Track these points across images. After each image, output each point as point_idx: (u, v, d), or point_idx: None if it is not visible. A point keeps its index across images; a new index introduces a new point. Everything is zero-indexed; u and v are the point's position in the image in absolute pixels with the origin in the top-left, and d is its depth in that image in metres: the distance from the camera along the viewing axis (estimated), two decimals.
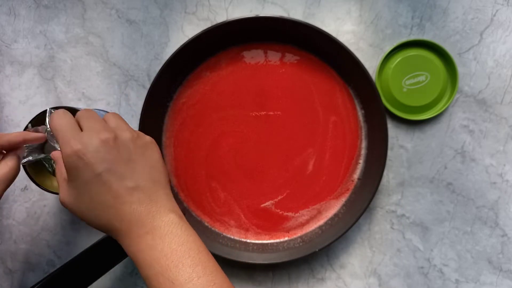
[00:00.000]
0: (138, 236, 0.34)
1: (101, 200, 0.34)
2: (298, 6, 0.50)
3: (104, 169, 0.34)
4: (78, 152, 0.33)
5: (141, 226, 0.34)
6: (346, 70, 0.49)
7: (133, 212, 0.34)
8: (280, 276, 0.51)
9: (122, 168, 0.35)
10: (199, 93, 0.50)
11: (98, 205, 0.34)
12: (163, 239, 0.33)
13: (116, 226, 0.34)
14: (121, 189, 0.34)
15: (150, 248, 0.33)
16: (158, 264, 0.32)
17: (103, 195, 0.34)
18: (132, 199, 0.34)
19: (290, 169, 0.50)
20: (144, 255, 0.33)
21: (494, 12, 0.49)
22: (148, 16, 0.51)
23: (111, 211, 0.34)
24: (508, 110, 0.50)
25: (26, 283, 0.52)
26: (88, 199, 0.34)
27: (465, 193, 0.50)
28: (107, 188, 0.34)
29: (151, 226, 0.34)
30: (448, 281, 0.50)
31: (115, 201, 0.34)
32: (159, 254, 0.33)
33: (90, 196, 0.34)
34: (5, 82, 0.52)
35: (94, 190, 0.34)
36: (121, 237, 0.35)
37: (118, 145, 0.35)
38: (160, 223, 0.34)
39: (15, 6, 0.51)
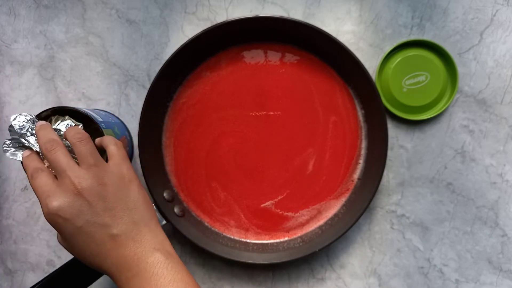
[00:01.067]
0: (126, 279, 0.35)
1: (88, 249, 0.36)
2: (298, 6, 0.50)
3: (84, 222, 0.35)
4: (55, 211, 0.35)
5: (128, 270, 0.35)
6: (346, 70, 0.49)
7: (120, 257, 0.35)
8: (280, 276, 0.51)
9: (101, 218, 0.36)
10: (199, 93, 0.50)
11: (87, 253, 0.36)
12: (149, 281, 0.34)
13: (107, 271, 0.36)
14: (104, 237, 0.35)
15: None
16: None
17: (89, 245, 0.35)
18: (116, 245, 0.36)
19: (290, 169, 0.50)
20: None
21: (494, 12, 0.49)
22: (148, 16, 0.51)
23: (100, 258, 0.36)
24: (508, 110, 0.50)
25: (26, 283, 0.52)
26: (77, 248, 0.36)
27: (465, 193, 0.50)
28: (91, 239, 0.35)
29: (137, 269, 0.35)
30: (448, 281, 0.50)
31: (100, 248, 0.36)
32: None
33: (78, 246, 0.36)
34: (5, 82, 0.52)
35: (80, 241, 0.36)
36: (114, 280, 0.36)
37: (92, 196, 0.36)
38: (145, 266, 0.35)
39: (15, 6, 0.51)
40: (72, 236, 0.35)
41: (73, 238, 0.35)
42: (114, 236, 0.35)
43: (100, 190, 0.36)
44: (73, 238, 0.35)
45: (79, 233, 0.35)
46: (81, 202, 0.35)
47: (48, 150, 0.36)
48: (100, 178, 0.36)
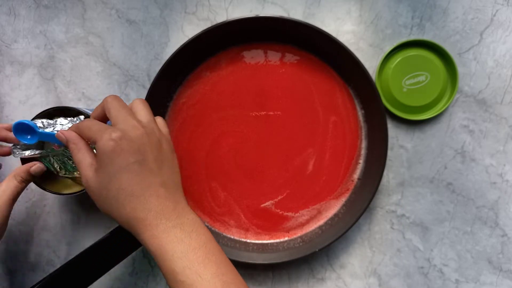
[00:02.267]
0: (166, 228, 0.34)
1: (130, 189, 0.35)
2: (298, 6, 0.50)
3: (138, 160, 0.35)
4: (117, 139, 0.34)
5: (168, 219, 0.35)
6: (346, 70, 0.49)
7: (161, 205, 0.35)
8: (280, 276, 0.51)
9: (153, 164, 0.36)
10: (199, 93, 0.50)
11: (126, 194, 0.35)
12: (190, 235, 0.34)
13: (141, 216, 0.35)
14: (151, 181, 0.35)
15: (179, 241, 0.34)
16: (186, 257, 0.33)
17: (133, 184, 0.35)
18: (159, 193, 0.35)
19: (290, 169, 0.50)
20: (172, 247, 0.34)
21: (494, 12, 0.49)
22: (148, 16, 0.51)
23: (139, 200, 0.35)
24: (508, 110, 0.50)
25: (26, 283, 0.52)
26: (116, 186, 0.35)
27: (465, 193, 0.50)
28: (138, 178, 0.35)
29: (178, 221, 0.35)
30: (448, 281, 0.50)
31: (144, 191, 0.35)
32: (188, 248, 0.34)
33: (119, 184, 0.35)
34: (5, 82, 0.52)
35: (125, 178, 0.35)
36: (145, 228, 0.35)
37: (151, 142, 0.36)
38: (186, 220, 0.35)
39: (15, 6, 0.51)
40: (118, 171, 0.34)
41: (117, 174, 0.34)
42: (159, 184, 0.36)
43: (158, 141, 0.37)
44: (118, 174, 0.34)
45: (128, 169, 0.34)
46: (143, 142, 0.36)
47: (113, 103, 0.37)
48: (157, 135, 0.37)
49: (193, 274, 0.33)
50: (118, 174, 0.35)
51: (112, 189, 0.35)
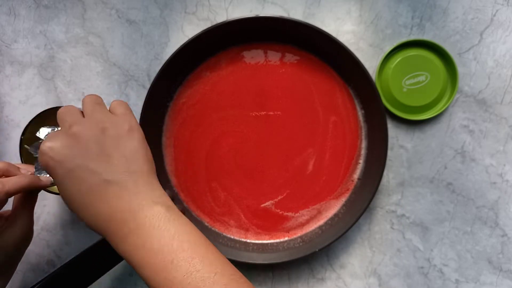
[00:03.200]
0: (123, 235, 0.31)
1: (79, 197, 0.33)
2: (298, 6, 0.50)
3: (74, 165, 0.32)
4: (47, 151, 0.33)
5: (124, 225, 0.32)
6: (346, 70, 0.49)
7: (113, 210, 0.32)
8: (280, 276, 0.51)
9: (94, 163, 0.33)
10: (199, 93, 0.50)
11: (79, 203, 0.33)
12: (151, 236, 0.31)
13: (100, 227, 0.33)
14: (96, 184, 0.32)
15: (138, 248, 0.31)
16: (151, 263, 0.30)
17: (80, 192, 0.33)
18: (108, 195, 0.32)
19: (290, 169, 0.50)
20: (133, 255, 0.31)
21: (494, 12, 0.49)
22: (148, 16, 0.51)
23: (92, 210, 0.32)
24: (508, 110, 0.50)
25: (26, 283, 0.52)
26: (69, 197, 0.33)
27: (465, 193, 0.50)
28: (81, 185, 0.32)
29: (135, 224, 0.31)
30: (448, 281, 0.50)
31: (91, 198, 0.32)
32: (150, 253, 0.30)
33: (69, 193, 0.33)
34: (5, 82, 0.52)
35: (71, 187, 0.33)
36: (109, 238, 0.33)
37: (87, 140, 0.33)
38: (144, 219, 0.31)
39: (15, 6, 0.51)
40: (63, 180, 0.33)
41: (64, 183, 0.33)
42: (106, 184, 0.32)
43: (98, 134, 0.34)
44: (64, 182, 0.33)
45: (70, 177, 0.32)
46: (74, 144, 0.33)
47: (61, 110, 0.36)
48: (101, 123, 0.34)
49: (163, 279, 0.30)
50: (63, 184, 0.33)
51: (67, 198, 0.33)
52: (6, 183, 0.36)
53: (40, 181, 0.39)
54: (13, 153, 0.52)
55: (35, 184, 0.38)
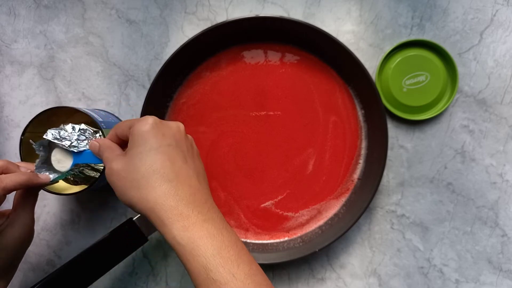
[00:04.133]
0: (197, 221, 0.32)
1: (162, 171, 0.33)
2: (298, 6, 0.50)
3: (172, 143, 0.35)
4: (153, 123, 0.35)
5: (200, 212, 0.33)
6: (346, 70, 0.49)
7: (193, 196, 0.33)
8: (280, 276, 0.51)
9: (186, 152, 0.36)
10: (199, 93, 0.50)
11: (158, 175, 0.33)
12: (221, 231, 0.32)
13: (171, 203, 0.32)
14: (184, 168, 0.34)
15: (211, 236, 0.32)
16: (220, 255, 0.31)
17: (166, 167, 0.33)
18: (192, 182, 0.34)
19: (290, 169, 0.50)
20: (205, 242, 0.31)
21: (494, 12, 0.49)
22: (148, 16, 0.51)
23: (171, 185, 0.33)
24: (508, 110, 0.50)
25: (26, 283, 0.52)
26: (147, 165, 0.33)
27: (465, 193, 0.50)
28: (171, 162, 0.34)
29: (209, 216, 0.33)
30: (448, 281, 0.50)
31: (177, 176, 0.33)
32: (221, 245, 0.31)
33: (151, 163, 0.33)
34: (5, 82, 0.52)
35: (159, 158, 0.33)
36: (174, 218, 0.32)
37: (185, 135, 0.38)
38: (215, 216, 0.33)
39: (15, 6, 0.51)
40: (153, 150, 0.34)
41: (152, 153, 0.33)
42: (191, 174, 0.35)
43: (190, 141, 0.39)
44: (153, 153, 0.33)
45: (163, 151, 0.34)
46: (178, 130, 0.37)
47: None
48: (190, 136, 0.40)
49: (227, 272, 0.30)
50: (151, 153, 0.33)
51: (142, 168, 0.33)
52: (4, 179, 0.36)
53: (39, 179, 0.39)
54: (13, 153, 0.52)
55: (33, 181, 0.38)
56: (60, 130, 0.39)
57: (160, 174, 0.33)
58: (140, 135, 0.34)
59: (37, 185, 0.39)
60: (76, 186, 0.45)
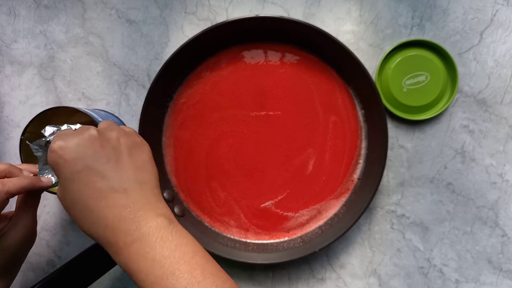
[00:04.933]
0: (125, 245, 0.31)
1: (83, 201, 0.32)
2: (298, 6, 0.50)
3: (84, 167, 0.32)
4: (58, 148, 0.32)
5: (127, 234, 0.31)
6: (346, 70, 0.49)
7: (117, 218, 0.32)
8: (280, 276, 0.51)
9: (105, 167, 0.33)
10: (199, 93, 0.50)
11: (81, 207, 0.32)
12: (153, 246, 0.31)
13: (100, 233, 0.32)
14: (103, 189, 0.32)
15: (140, 257, 0.31)
16: (152, 274, 0.30)
17: (84, 196, 0.32)
18: (114, 202, 0.32)
19: (290, 169, 0.50)
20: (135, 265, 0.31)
21: (494, 12, 0.49)
22: (148, 16, 0.51)
23: (94, 215, 0.32)
24: (508, 110, 0.50)
25: (26, 283, 0.52)
26: (71, 199, 0.33)
27: (465, 193, 0.50)
28: (87, 188, 0.32)
29: (138, 234, 0.31)
30: (448, 281, 0.50)
31: (96, 203, 0.32)
32: (151, 263, 0.30)
33: (72, 196, 0.32)
34: (5, 82, 0.52)
35: (76, 189, 0.32)
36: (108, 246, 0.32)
37: (102, 143, 0.33)
38: (148, 230, 0.31)
39: (15, 6, 0.51)
40: (68, 182, 0.32)
41: (69, 186, 0.32)
42: (113, 191, 0.32)
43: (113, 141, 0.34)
44: (69, 185, 0.32)
45: (76, 179, 0.32)
46: (87, 145, 0.33)
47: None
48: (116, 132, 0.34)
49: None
50: (68, 184, 0.32)
51: (70, 200, 0.33)
52: (6, 183, 0.36)
53: (41, 182, 0.39)
54: (13, 153, 0.52)
55: (36, 185, 0.38)
56: (59, 126, 0.39)
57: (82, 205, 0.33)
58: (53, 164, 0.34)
59: (39, 188, 0.39)
60: None
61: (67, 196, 0.33)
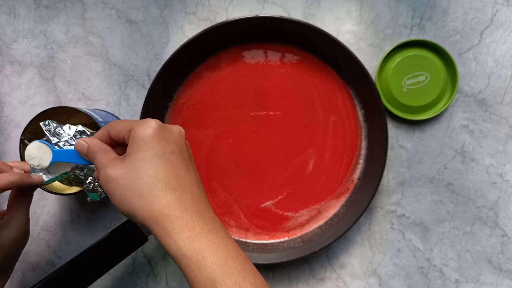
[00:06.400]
0: (202, 232, 0.31)
1: (167, 179, 0.32)
2: (298, 6, 0.50)
3: (176, 150, 0.33)
4: (156, 127, 0.33)
5: (205, 222, 0.31)
6: (346, 70, 0.49)
7: (197, 205, 0.32)
8: (280, 276, 0.51)
9: (188, 160, 0.34)
10: (199, 93, 0.50)
11: (162, 183, 0.31)
12: (226, 241, 0.31)
13: (176, 213, 0.31)
14: (187, 177, 0.33)
15: (217, 247, 0.31)
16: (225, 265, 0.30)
17: (170, 175, 0.32)
18: (194, 191, 0.33)
19: (290, 169, 0.50)
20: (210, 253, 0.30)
21: (494, 12, 0.49)
22: (148, 16, 0.51)
23: (175, 194, 0.31)
24: (508, 110, 0.50)
25: (26, 283, 0.52)
26: (150, 173, 0.31)
27: (465, 193, 0.50)
28: (175, 170, 0.32)
29: (213, 226, 0.32)
30: (448, 281, 0.50)
31: (180, 185, 0.32)
32: (226, 255, 0.31)
33: (154, 171, 0.32)
34: (5, 82, 0.52)
35: (162, 166, 0.32)
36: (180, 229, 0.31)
37: (186, 142, 0.36)
38: (219, 226, 0.32)
39: (15, 6, 0.51)
40: (157, 157, 0.32)
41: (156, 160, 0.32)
42: (194, 183, 0.33)
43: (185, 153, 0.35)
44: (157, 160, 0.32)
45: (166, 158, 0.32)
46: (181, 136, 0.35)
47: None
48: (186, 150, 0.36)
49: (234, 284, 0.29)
50: (154, 160, 0.32)
51: (145, 176, 0.31)
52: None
53: (31, 179, 0.38)
54: (13, 153, 0.52)
55: (24, 181, 0.38)
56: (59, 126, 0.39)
57: (164, 183, 0.32)
58: (143, 140, 0.32)
59: (29, 184, 0.38)
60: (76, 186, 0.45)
61: (143, 171, 0.32)
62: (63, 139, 0.38)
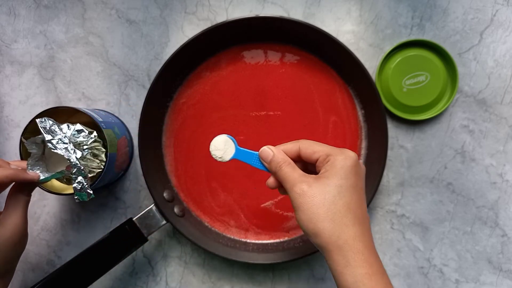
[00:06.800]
0: (378, 272, 0.33)
1: (356, 211, 0.34)
2: (298, 6, 0.50)
3: (363, 185, 0.36)
4: (356, 159, 0.35)
5: (375, 261, 0.33)
6: (346, 70, 0.49)
7: (372, 242, 0.34)
8: (280, 276, 0.51)
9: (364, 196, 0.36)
10: (199, 93, 0.50)
11: (351, 216, 0.33)
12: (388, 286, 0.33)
13: (359, 248, 0.33)
14: (366, 212, 0.35)
15: (382, 274, 0.33)
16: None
17: (358, 208, 0.34)
18: (369, 227, 0.35)
19: None
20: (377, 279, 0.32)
21: (494, 12, 0.49)
22: (148, 16, 0.51)
23: (360, 228, 0.33)
24: (508, 110, 0.50)
25: (26, 283, 0.52)
26: (344, 203, 0.33)
27: (465, 193, 0.50)
28: (362, 204, 0.35)
29: (383, 268, 0.34)
30: (448, 281, 0.50)
31: (364, 220, 0.34)
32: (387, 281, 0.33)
33: (348, 202, 0.34)
34: (5, 82, 0.52)
35: (354, 198, 0.34)
36: (360, 263, 0.32)
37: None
38: (383, 270, 0.34)
39: (15, 6, 0.52)
40: (352, 188, 0.34)
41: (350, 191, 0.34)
42: (368, 221, 0.36)
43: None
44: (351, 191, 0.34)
45: (358, 191, 0.35)
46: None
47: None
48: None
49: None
50: (349, 190, 0.34)
51: (339, 202, 0.33)
52: None
53: (26, 174, 0.38)
54: (13, 153, 0.52)
55: (20, 176, 0.38)
56: (55, 124, 0.39)
57: (353, 215, 0.33)
58: (343, 168, 0.34)
59: (24, 180, 0.38)
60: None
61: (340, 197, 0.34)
62: (57, 137, 0.39)
